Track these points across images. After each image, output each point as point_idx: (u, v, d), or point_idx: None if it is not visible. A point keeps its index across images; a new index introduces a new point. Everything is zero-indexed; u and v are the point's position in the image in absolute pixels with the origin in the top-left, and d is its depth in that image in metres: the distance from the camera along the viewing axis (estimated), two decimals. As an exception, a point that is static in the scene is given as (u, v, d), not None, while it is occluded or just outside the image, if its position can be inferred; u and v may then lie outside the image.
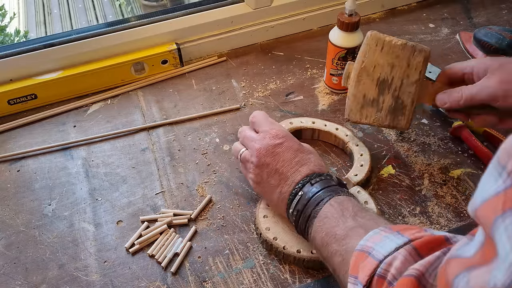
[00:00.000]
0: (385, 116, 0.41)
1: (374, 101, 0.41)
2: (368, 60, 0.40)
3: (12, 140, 0.51)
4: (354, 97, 0.41)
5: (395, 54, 0.39)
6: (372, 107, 0.41)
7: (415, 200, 0.43)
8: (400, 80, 0.40)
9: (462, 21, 0.65)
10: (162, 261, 0.39)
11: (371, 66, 0.40)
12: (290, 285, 0.37)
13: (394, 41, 0.39)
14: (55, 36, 0.56)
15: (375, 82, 0.40)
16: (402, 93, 0.40)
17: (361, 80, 0.40)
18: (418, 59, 0.39)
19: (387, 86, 0.40)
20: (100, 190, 0.46)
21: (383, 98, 0.40)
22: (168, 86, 0.57)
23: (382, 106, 0.41)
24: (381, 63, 0.39)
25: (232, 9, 0.61)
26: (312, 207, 0.33)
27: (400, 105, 0.40)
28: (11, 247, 0.41)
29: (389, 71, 0.39)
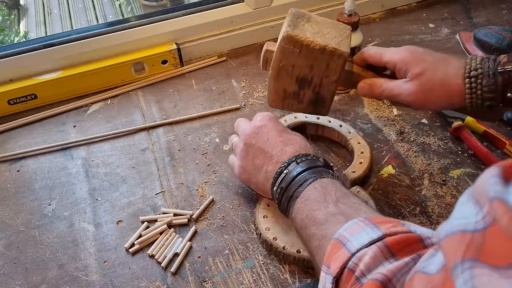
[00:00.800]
0: (306, 107, 0.41)
1: (294, 94, 0.40)
2: (286, 61, 0.37)
3: (12, 140, 0.51)
4: (275, 91, 0.40)
5: (313, 57, 0.37)
6: (293, 99, 0.40)
7: (415, 200, 0.43)
8: (320, 78, 0.38)
9: (462, 21, 0.65)
10: (162, 261, 0.39)
11: (289, 66, 0.38)
12: (290, 285, 0.37)
13: (312, 44, 0.36)
14: (55, 36, 0.56)
15: (294, 79, 0.38)
16: (322, 89, 0.39)
17: (280, 77, 0.39)
18: (337, 62, 0.37)
19: (307, 83, 0.39)
20: (100, 190, 0.46)
21: (303, 92, 0.39)
22: (168, 86, 0.57)
23: (303, 99, 0.40)
24: (299, 64, 0.37)
25: (232, 9, 0.61)
26: (295, 187, 0.33)
27: (321, 99, 0.40)
28: (11, 247, 0.41)
29: (309, 71, 0.38)
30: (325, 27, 0.38)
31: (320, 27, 0.38)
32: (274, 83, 0.40)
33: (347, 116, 0.52)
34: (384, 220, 0.28)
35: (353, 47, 0.51)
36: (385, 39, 0.62)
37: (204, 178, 0.46)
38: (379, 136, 0.50)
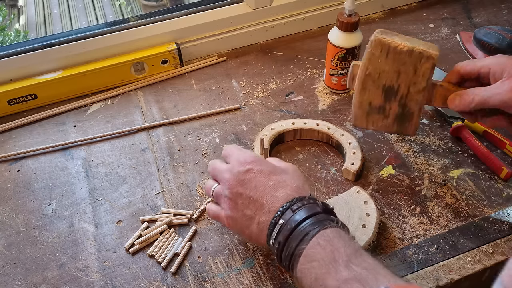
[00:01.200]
0: (392, 123, 0.39)
1: (380, 108, 0.39)
2: (373, 67, 0.37)
3: (12, 140, 0.51)
4: (360, 104, 0.39)
5: (401, 61, 0.37)
6: (378, 114, 0.39)
7: (415, 200, 0.43)
8: (407, 87, 0.38)
9: (462, 21, 0.65)
10: (162, 261, 0.39)
11: (376, 73, 0.38)
12: (290, 285, 0.37)
13: (400, 47, 0.36)
14: (55, 36, 0.56)
15: (381, 89, 0.38)
16: (409, 101, 0.38)
17: (366, 88, 0.38)
18: (425, 66, 0.37)
19: (393, 93, 0.38)
20: (100, 190, 0.46)
21: (389, 105, 0.39)
22: (168, 86, 0.57)
23: (388, 113, 0.39)
24: (386, 70, 0.37)
25: (232, 9, 0.61)
26: (296, 242, 0.29)
27: (407, 112, 0.39)
28: (11, 247, 0.41)
29: (395, 78, 0.37)
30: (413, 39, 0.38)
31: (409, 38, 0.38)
32: (359, 95, 0.39)
33: (347, 116, 0.52)
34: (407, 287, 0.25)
35: (353, 47, 0.51)
36: (385, 39, 0.62)
37: (204, 178, 0.46)
38: (379, 136, 0.50)
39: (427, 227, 0.41)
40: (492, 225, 0.41)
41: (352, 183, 0.45)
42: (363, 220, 0.39)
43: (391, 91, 0.38)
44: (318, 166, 0.47)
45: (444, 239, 0.40)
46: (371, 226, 0.39)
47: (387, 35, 0.38)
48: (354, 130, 0.50)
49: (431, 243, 0.40)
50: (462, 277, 0.38)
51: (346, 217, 0.40)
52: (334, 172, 0.46)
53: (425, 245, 0.40)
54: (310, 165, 0.47)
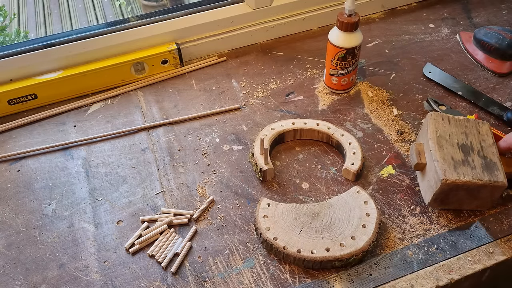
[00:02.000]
0: (482, 172, 0.39)
1: (464, 161, 0.40)
2: (441, 131, 0.41)
3: (12, 140, 0.51)
4: (444, 160, 0.39)
5: (463, 126, 0.42)
6: (465, 166, 0.39)
7: (415, 200, 0.43)
8: (479, 143, 0.41)
9: (462, 21, 0.65)
10: (162, 261, 0.39)
11: (446, 135, 0.41)
12: (290, 285, 0.37)
13: (457, 117, 0.43)
14: (55, 36, 0.56)
15: (456, 147, 0.41)
16: (487, 153, 0.41)
17: (442, 146, 0.41)
18: (484, 127, 0.42)
19: (470, 149, 0.41)
20: (100, 190, 0.46)
21: (471, 158, 0.40)
22: (168, 86, 0.57)
23: (474, 164, 0.40)
24: (454, 132, 0.42)
25: (232, 9, 0.61)
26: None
27: (490, 162, 0.40)
28: (11, 247, 0.41)
29: (465, 138, 0.42)
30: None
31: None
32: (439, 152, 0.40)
33: (347, 116, 0.52)
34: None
35: (353, 47, 0.51)
36: (385, 39, 0.62)
37: (204, 178, 0.46)
38: (379, 136, 0.50)
39: (427, 227, 0.41)
40: (492, 225, 0.41)
41: (352, 183, 0.45)
42: (363, 220, 0.39)
43: (466, 147, 0.41)
44: (318, 166, 0.47)
45: (444, 239, 0.40)
46: (371, 226, 0.39)
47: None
48: (354, 130, 0.50)
49: (431, 243, 0.40)
50: (462, 277, 0.38)
51: (346, 217, 0.40)
52: (334, 172, 0.46)
53: (425, 245, 0.40)
54: (310, 165, 0.47)
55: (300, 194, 0.44)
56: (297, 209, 0.41)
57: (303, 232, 0.39)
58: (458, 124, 0.42)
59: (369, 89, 0.56)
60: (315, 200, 0.43)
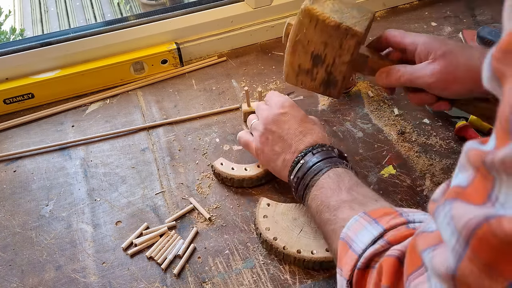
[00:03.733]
0: (318, 86, 0.41)
1: (308, 71, 0.40)
2: (302, 35, 0.38)
3: (8, 140, 0.51)
4: (291, 65, 0.41)
5: (328, 34, 0.37)
6: (306, 76, 0.41)
7: (417, 201, 0.43)
8: (333, 58, 0.39)
9: (465, 19, 0.64)
10: (161, 263, 0.39)
11: (305, 40, 0.38)
12: (290, 285, 0.37)
13: (327, 20, 0.37)
14: (53, 35, 0.55)
15: (309, 55, 0.39)
16: (335, 70, 0.39)
17: (296, 51, 0.39)
18: (350, 42, 0.37)
19: (321, 61, 0.39)
20: (98, 191, 0.45)
21: (316, 70, 0.40)
22: (168, 86, 0.57)
23: (315, 77, 0.40)
24: (314, 40, 0.38)
25: (232, 8, 0.60)
26: (311, 176, 0.35)
27: (333, 80, 0.40)
28: (7, 249, 0.41)
29: (323, 49, 0.38)
30: (347, 7, 0.38)
31: (342, 6, 0.38)
32: (290, 57, 0.40)
33: (347, 116, 0.52)
34: (384, 212, 0.29)
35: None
36: (385, 39, 0.62)
37: (204, 178, 0.46)
38: (379, 136, 0.49)
39: (428, 227, 0.41)
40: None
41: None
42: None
43: (318, 59, 0.39)
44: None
45: (446, 240, 0.40)
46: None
47: (319, 3, 0.37)
48: (354, 130, 0.50)
49: (433, 244, 0.40)
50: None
51: (348, 218, 0.40)
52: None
53: (427, 246, 0.39)
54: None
55: (301, 194, 0.44)
56: (297, 209, 0.40)
57: (303, 232, 0.39)
58: (323, 30, 0.37)
59: (370, 89, 0.55)
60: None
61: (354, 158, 0.47)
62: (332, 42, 0.38)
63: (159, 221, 0.42)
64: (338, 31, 0.37)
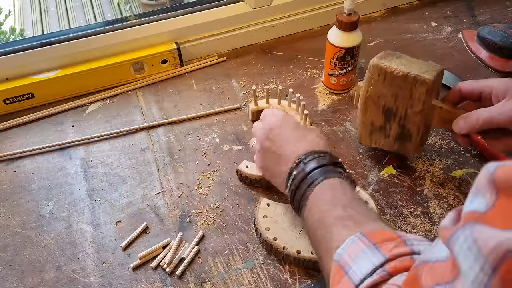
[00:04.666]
0: (393, 142, 0.41)
1: (381, 128, 0.41)
2: (372, 90, 0.40)
3: (8, 140, 0.51)
4: (363, 124, 0.42)
5: (397, 85, 0.39)
6: (380, 132, 0.42)
7: (416, 201, 0.43)
8: (405, 109, 0.40)
9: (465, 19, 0.64)
10: (166, 267, 0.38)
11: (375, 96, 0.40)
12: (290, 285, 0.37)
13: (396, 72, 0.38)
14: (53, 35, 0.55)
15: (381, 109, 0.40)
16: (407, 122, 0.40)
17: (368, 108, 0.41)
18: (420, 90, 0.38)
19: (393, 114, 0.40)
20: (99, 191, 0.45)
21: (389, 125, 0.41)
22: (168, 86, 0.57)
23: (389, 133, 0.41)
24: (384, 93, 0.39)
25: (232, 8, 0.60)
26: (304, 188, 0.34)
27: (407, 133, 0.40)
28: (7, 249, 0.41)
29: (393, 101, 0.39)
30: (414, 63, 0.39)
31: (409, 62, 0.39)
32: (362, 116, 0.41)
33: (347, 116, 0.52)
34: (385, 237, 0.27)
35: (352, 47, 0.51)
36: (386, 38, 0.62)
37: (204, 178, 0.46)
38: (380, 136, 0.49)
39: (428, 228, 0.41)
40: (494, 226, 0.41)
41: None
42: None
43: (390, 112, 0.40)
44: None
45: (446, 240, 0.40)
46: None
47: (386, 59, 0.39)
48: (354, 130, 0.50)
49: (433, 244, 0.40)
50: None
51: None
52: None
53: (427, 246, 0.39)
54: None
55: (301, 194, 0.44)
56: (298, 210, 0.41)
57: (303, 232, 0.39)
58: (392, 82, 0.39)
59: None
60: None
61: (354, 158, 0.47)
62: (402, 93, 0.38)
63: (159, 221, 0.42)
64: (406, 81, 0.38)
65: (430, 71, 0.38)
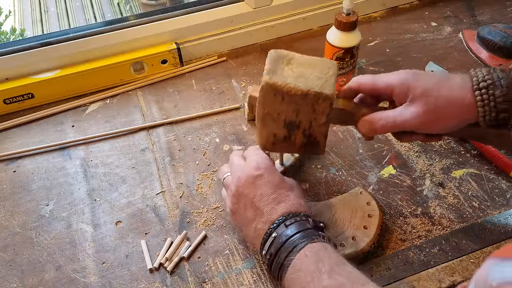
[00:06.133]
0: (299, 149, 0.38)
1: (285, 138, 0.37)
2: (270, 109, 0.35)
3: (8, 140, 0.51)
4: (265, 137, 0.38)
5: (297, 103, 0.35)
6: (284, 142, 0.38)
7: (416, 201, 0.43)
8: (309, 122, 0.36)
9: (465, 19, 0.64)
10: (168, 266, 0.38)
11: (275, 113, 0.36)
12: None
13: (293, 91, 0.34)
14: (53, 35, 0.55)
15: (282, 123, 0.36)
16: (313, 131, 0.37)
17: (266, 124, 0.37)
18: (322, 106, 0.35)
19: (296, 126, 0.36)
20: (98, 191, 0.45)
21: (294, 135, 0.37)
22: (168, 86, 0.57)
23: (295, 142, 0.38)
24: (284, 109, 0.35)
25: (232, 8, 0.60)
26: (285, 254, 0.32)
27: (314, 141, 0.37)
28: (7, 249, 0.41)
29: (295, 115, 0.35)
30: (307, 67, 0.35)
31: (301, 68, 0.35)
32: (262, 129, 0.37)
33: (348, 116, 0.52)
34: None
35: (351, 47, 0.51)
36: (386, 38, 0.62)
37: (204, 178, 0.46)
38: (379, 136, 0.49)
39: (428, 228, 0.41)
40: (496, 226, 0.41)
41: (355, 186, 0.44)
42: (365, 221, 0.39)
43: (293, 125, 0.36)
44: (318, 166, 0.46)
45: (447, 240, 0.40)
46: (373, 228, 0.39)
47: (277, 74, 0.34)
48: (354, 130, 0.50)
49: (433, 244, 0.39)
50: (466, 279, 0.37)
51: (348, 218, 0.40)
52: (334, 172, 0.46)
53: (427, 246, 0.39)
54: (310, 165, 0.47)
55: (301, 194, 0.44)
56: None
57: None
58: (292, 101, 0.34)
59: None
60: (315, 200, 0.43)
61: (354, 158, 0.47)
62: (304, 109, 0.35)
63: (159, 221, 0.42)
64: (307, 99, 0.34)
65: (328, 80, 0.34)
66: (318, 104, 0.35)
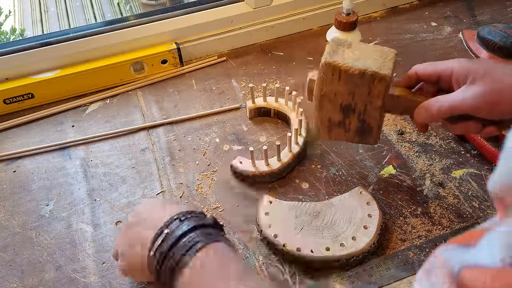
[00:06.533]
0: (353, 136, 0.40)
1: (340, 123, 0.39)
2: (327, 89, 0.37)
3: (8, 140, 0.51)
4: (321, 121, 0.39)
5: (354, 83, 0.36)
6: (339, 128, 0.39)
7: (417, 201, 0.43)
8: (364, 105, 0.37)
9: (465, 19, 0.64)
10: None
11: (331, 94, 0.37)
12: (290, 286, 0.37)
13: (351, 70, 0.35)
14: (53, 35, 0.55)
15: (338, 107, 0.38)
16: (368, 117, 0.38)
17: (323, 106, 0.38)
18: (379, 87, 0.35)
19: (351, 110, 0.38)
20: (98, 191, 0.45)
21: (349, 120, 0.38)
22: (168, 86, 0.57)
23: (349, 127, 0.39)
24: (341, 91, 0.36)
25: (232, 8, 0.60)
26: (181, 252, 0.26)
27: (367, 127, 0.38)
28: (7, 249, 0.41)
29: (351, 98, 0.37)
30: (367, 52, 0.36)
31: (361, 52, 0.36)
32: (318, 112, 0.39)
33: (348, 116, 0.52)
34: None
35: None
36: (386, 38, 0.62)
37: (204, 178, 0.46)
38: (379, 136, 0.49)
39: (429, 228, 0.41)
40: (494, 226, 0.41)
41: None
42: (365, 221, 0.39)
43: (348, 108, 0.37)
44: (318, 166, 0.46)
45: (447, 240, 0.40)
46: (373, 228, 0.39)
47: (337, 55, 0.36)
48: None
49: (433, 244, 0.39)
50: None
51: (348, 218, 0.40)
52: (334, 172, 0.46)
53: (427, 246, 0.39)
54: (310, 165, 0.47)
55: (300, 194, 0.44)
56: (298, 207, 0.40)
57: (304, 231, 0.39)
58: (348, 81, 0.35)
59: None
60: (315, 200, 0.43)
61: (354, 158, 0.47)
62: (360, 90, 0.36)
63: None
64: (364, 79, 0.35)
65: (386, 63, 0.35)
66: (374, 85, 0.35)
